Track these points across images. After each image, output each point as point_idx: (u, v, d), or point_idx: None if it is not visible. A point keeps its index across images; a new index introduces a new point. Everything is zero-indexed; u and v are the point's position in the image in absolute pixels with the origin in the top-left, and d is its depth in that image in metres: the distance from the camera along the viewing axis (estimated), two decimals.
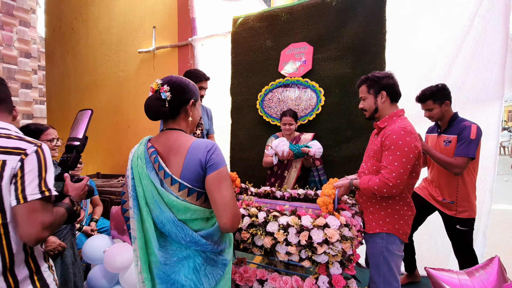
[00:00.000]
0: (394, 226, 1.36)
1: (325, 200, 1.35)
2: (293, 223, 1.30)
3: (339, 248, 1.22)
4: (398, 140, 1.27)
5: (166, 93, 0.96)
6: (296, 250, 1.28)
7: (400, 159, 1.26)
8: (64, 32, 4.68)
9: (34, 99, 2.71)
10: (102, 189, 3.13)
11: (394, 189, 1.27)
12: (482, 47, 2.10)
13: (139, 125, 3.97)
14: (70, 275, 1.51)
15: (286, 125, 2.29)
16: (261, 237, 1.34)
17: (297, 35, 2.58)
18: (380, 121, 1.44)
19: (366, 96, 1.47)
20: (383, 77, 1.42)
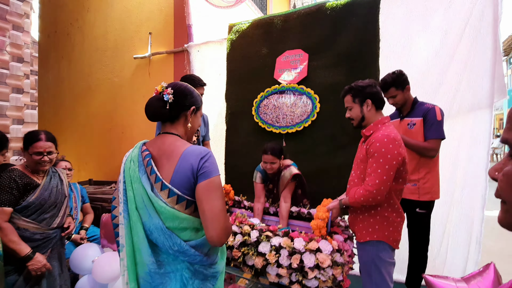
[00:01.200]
0: (384, 233, 1.35)
1: (318, 224, 1.35)
2: (285, 245, 1.30)
3: (330, 274, 1.23)
4: (381, 148, 1.29)
5: (168, 95, 0.96)
6: (287, 273, 1.27)
7: (383, 166, 1.28)
8: (59, 37, 4.67)
9: (26, 104, 2.67)
10: (94, 196, 3.07)
11: (378, 195, 1.28)
12: (474, 55, 2.14)
13: (134, 131, 3.93)
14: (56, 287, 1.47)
15: (268, 164, 2.01)
16: (252, 257, 1.32)
17: (292, 43, 2.59)
18: (366, 129, 1.46)
19: (352, 106, 1.50)
20: (367, 85, 1.46)
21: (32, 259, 1.37)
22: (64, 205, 1.61)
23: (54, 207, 1.53)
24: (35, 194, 1.44)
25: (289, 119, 2.53)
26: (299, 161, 2.41)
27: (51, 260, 1.48)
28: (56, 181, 1.59)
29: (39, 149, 1.45)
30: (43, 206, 1.47)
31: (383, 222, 1.35)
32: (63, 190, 1.62)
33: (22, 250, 1.36)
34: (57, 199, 1.55)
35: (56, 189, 1.56)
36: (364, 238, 1.38)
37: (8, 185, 1.36)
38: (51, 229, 1.50)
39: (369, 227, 1.37)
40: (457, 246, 2.24)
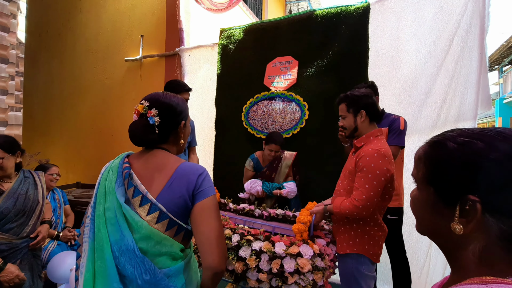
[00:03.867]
0: (364, 247, 1.33)
1: (300, 228, 1.33)
2: (266, 250, 1.27)
3: (310, 279, 1.20)
4: (370, 163, 1.27)
5: (154, 118, 0.85)
6: (267, 278, 1.25)
7: (371, 182, 1.25)
8: (50, 37, 4.61)
9: (10, 106, 2.61)
10: (80, 200, 3.01)
11: (364, 211, 1.26)
12: (461, 66, 2.15)
13: (123, 133, 3.87)
14: None
15: (272, 152, 2.17)
16: (232, 261, 1.30)
17: (283, 49, 2.59)
18: (357, 140, 1.43)
19: (346, 115, 1.45)
20: (362, 96, 1.42)
21: (3, 270, 1.30)
22: (37, 212, 1.51)
23: (22, 215, 1.44)
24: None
25: (278, 125, 2.52)
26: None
27: (22, 271, 1.38)
28: (26, 187, 1.49)
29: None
30: (6, 216, 1.37)
31: (364, 235, 1.34)
32: (36, 196, 1.52)
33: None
34: (26, 207, 1.45)
35: (25, 196, 1.46)
36: (344, 250, 1.36)
37: None
38: (20, 238, 1.41)
39: (350, 239, 1.36)
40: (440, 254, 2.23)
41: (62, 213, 2.35)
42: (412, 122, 2.28)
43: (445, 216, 0.43)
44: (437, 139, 0.47)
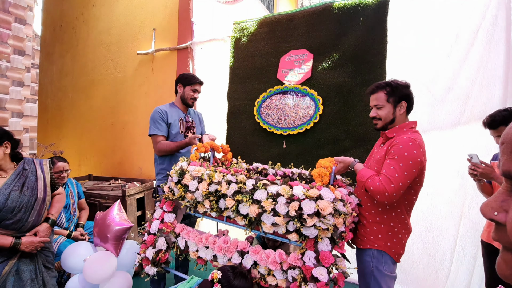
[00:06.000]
0: (386, 243, 1.26)
1: (321, 172, 1.23)
2: (283, 193, 1.18)
3: (330, 222, 1.11)
4: (404, 151, 1.18)
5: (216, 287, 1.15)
6: (284, 221, 1.16)
7: (401, 171, 1.17)
8: (64, 31, 4.66)
9: (26, 97, 2.64)
10: (92, 192, 3.04)
11: (387, 199, 1.18)
12: (487, 60, 2.04)
13: (135, 127, 3.90)
14: None
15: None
16: (246, 204, 1.23)
17: (297, 42, 2.52)
18: (389, 131, 1.33)
19: (384, 105, 1.32)
20: (405, 86, 1.31)
21: (21, 244, 1.32)
22: (36, 207, 1.42)
23: (19, 212, 1.35)
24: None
25: (291, 120, 2.47)
26: (299, 164, 2.35)
27: (22, 264, 1.36)
28: (21, 181, 1.40)
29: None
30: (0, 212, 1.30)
31: (388, 232, 1.26)
32: (35, 190, 1.42)
33: (4, 243, 1.29)
34: (21, 203, 1.36)
35: (20, 191, 1.37)
36: (364, 245, 1.30)
37: None
38: (22, 232, 1.37)
39: (372, 234, 1.29)
40: (463, 258, 2.15)
41: (76, 210, 2.33)
42: (432, 118, 2.19)
43: None
44: None
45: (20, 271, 1.36)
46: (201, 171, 1.49)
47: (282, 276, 1.21)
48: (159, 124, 2.02)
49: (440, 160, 2.15)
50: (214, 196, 1.38)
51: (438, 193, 2.18)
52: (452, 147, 2.13)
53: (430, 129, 2.19)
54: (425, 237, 2.26)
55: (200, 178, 1.46)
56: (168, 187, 1.63)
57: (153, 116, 2.04)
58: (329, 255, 1.12)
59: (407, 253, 2.24)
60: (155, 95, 3.69)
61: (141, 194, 3.09)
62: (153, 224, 1.63)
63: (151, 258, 1.56)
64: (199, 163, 1.65)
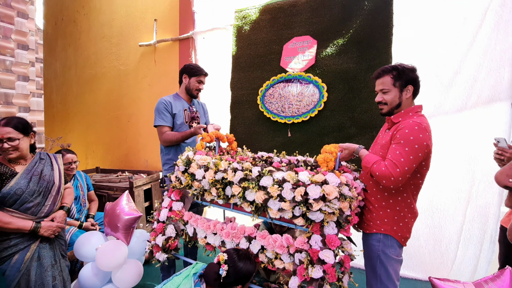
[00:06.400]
0: (392, 228, 1.27)
1: (326, 157, 1.24)
2: (289, 178, 1.20)
3: (336, 206, 1.12)
4: (410, 135, 1.17)
5: (224, 271, 1.22)
6: (290, 206, 1.18)
7: (407, 155, 1.16)
8: (66, 24, 4.64)
9: (32, 92, 2.67)
10: (100, 184, 3.10)
11: (392, 184, 1.17)
12: (495, 42, 1.99)
13: (140, 119, 3.92)
14: (47, 278, 1.42)
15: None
16: (253, 190, 1.25)
17: (301, 29, 2.48)
18: (394, 116, 1.32)
19: (390, 89, 1.30)
20: (411, 69, 1.29)
21: (41, 228, 1.38)
22: (53, 193, 1.51)
23: (38, 195, 1.44)
24: (10, 184, 1.36)
25: (295, 108, 2.46)
26: (304, 152, 2.35)
27: (42, 250, 1.43)
28: (40, 167, 1.49)
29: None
30: (21, 196, 1.38)
31: (394, 216, 1.27)
32: (52, 177, 1.51)
33: (25, 226, 1.35)
34: (41, 187, 1.45)
35: (40, 177, 1.46)
36: (370, 230, 1.31)
37: None
38: (38, 218, 1.43)
39: (378, 219, 1.30)
40: (469, 243, 2.15)
41: (86, 201, 2.38)
42: (439, 102, 2.16)
43: None
44: None
45: (41, 257, 1.42)
46: (207, 159, 1.51)
47: (289, 259, 1.24)
48: (164, 115, 2.03)
49: (447, 145, 2.13)
50: (220, 184, 1.40)
51: (445, 178, 2.17)
52: (459, 132, 2.11)
53: (437, 114, 2.16)
54: (431, 222, 2.27)
55: (206, 166, 1.48)
56: (175, 177, 1.66)
57: (158, 107, 2.05)
58: (335, 238, 1.13)
59: (413, 238, 2.27)
60: (158, 86, 3.69)
61: (148, 185, 3.14)
62: (162, 213, 1.66)
63: (161, 245, 1.60)
64: (204, 153, 1.66)
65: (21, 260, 1.36)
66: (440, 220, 2.24)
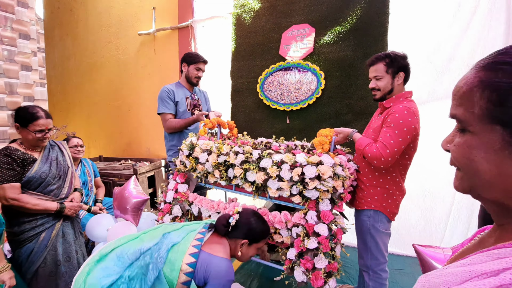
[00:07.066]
0: (381, 204, 1.38)
1: (321, 140, 1.34)
2: (287, 160, 1.30)
3: (330, 184, 1.22)
4: (399, 119, 1.27)
5: (234, 219, 1.21)
6: (288, 185, 1.28)
7: (397, 137, 1.26)
8: (63, 13, 4.60)
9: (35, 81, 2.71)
10: (105, 171, 3.19)
11: (383, 164, 1.28)
12: (488, 30, 2.05)
13: (140, 108, 3.97)
14: (72, 252, 1.56)
15: None
16: (253, 171, 1.35)
17: (299, 17, 2.52)
18: (386, 101, 1.41)
19: (383, 76, 1.38)
20: (403, 56, 1.37)
21: (66, 208, 1.51)
22: (69, 176, 1.61)
23: (59, 179, 1.55)
24: (34, 168, 1.44)
25: (294, 96, 2.53)
26: (302, 138, 2.43)
27: (65, 227, 1.56)
28: (55, 153, 1.58)
29: (42, 127, 1.44)
30: (45, 179, 1.48)
31: (383, 193, 1.38)
32: (65, 162, 1.61)
33: (52, 207, 1.47)
34: (60, 171, 1.55)
35: (57, 161, 1.56)
36: (362, 206, 1.43)
37: (6, 163, 1.38)
38: (60, 199, 1.55)
39: (369, 196, 1.41)
40: (458, 223, 2.28)
41: (93, 186, 2.49)
42: (433, 89, 2.23)
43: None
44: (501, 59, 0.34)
45: (65, 234, 1.55)
46: (210, 144, 1.59)
47: (287, 233, 1.35)
48: (167, 103, 2.10)
49: (440, 130, 2.21)
50: (223, 166, 1.49)
51: (437, 163, 2.27)
52: None
53: (430, 100, 2.24)
54: (423, 204, 2.39)
55: (209, 150, 1.57)
56: (180, 161, 1.75)
57: (161, 95, 2.12)
58: (329, 213, 1.24)
59: (405, 219, 2.40)
60: (158, 75, 3.73)
61: (151, 172, 3.24)
62: (168, 194, 1.76)
63: None
64: (207, 138, 1.75)
65: (48, 238, 1.47)
66: (431, 202, 2.36)
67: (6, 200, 1.36)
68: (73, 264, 1.56)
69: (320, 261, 1.20)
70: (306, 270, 1.23)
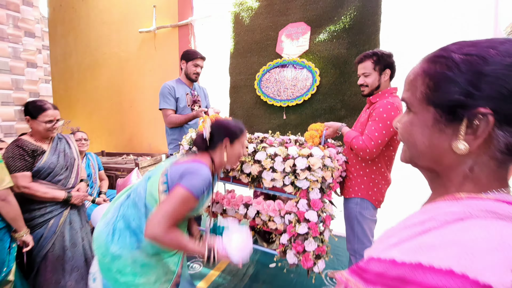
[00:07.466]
0: (368, 192, 1.48)
1: (312, 134, 1.45)
2: (280, 153, 1.40)
3: (319, 174, 1.32)
4: (383, 113, 1.36)
5: (207, 133, 1.19)
6: (281, 176, 1.39)
7: (380, 130, 1.35)
8: (65, 10, 4.68)
9: (40, 78, 2.80)
10: (108, 165, 3.29)
11: (368, 155, 1.38)
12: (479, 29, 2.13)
13: (141, 105, 4.07)
14: (78, 239, 1.66)
15: None
16: (249, 164, 1.45)
17: (295, 15, 2.60)
18: (373, 97, 1.50)
19: (370, 73, 1.46)
20: (389, 55, 1.46)
21: (72, 197, 1.62)
22: (75, 167, 1.70)
23: (66, 170, 1.64)
24: (43, 159, 1.54)
25: (290, 92, 2.62)
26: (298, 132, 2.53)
27: (72, 215, 1.65)
28: (63, 145, 1.67)
29: (50, 117, 1.54)
30: (54, 170, 1.57)
31: (369, 183, 1.48)
32: (72, 154, 1.71)
33: (60, 195, 1.57)
34: (67, 162, 1.65)
35: (64, 153, 1.65)
36: (349, 195, 1.53)
37: (18, 153, 1.48)
38: (67, 189, 1.64)
39: (356, 185, 1.51)
40: None
41: (97, 179, 2.59)
42: None
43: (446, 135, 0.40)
44: (439, 54, 0.41)
45: (72, 221, 1.65)
46: None
47: (280, 221, 1.45)
48: (168, 99, 2.19)
49: None
50: None
51: None
52: None
53: None
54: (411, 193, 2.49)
55: None
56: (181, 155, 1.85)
57: (162, 91, 2.21)
58: (319, 201, 1.34)
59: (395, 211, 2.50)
60: (159, 72, 3.81)
61: (153, 166, 3.34)
62: None
63: None
64: None
65: (56, 224, 1.57)
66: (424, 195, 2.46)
67: (18, 187, 1.46)
68: (79, 250, 1.65)
69: (310, 245, 1.31)
70: (297, 253, 1.33)
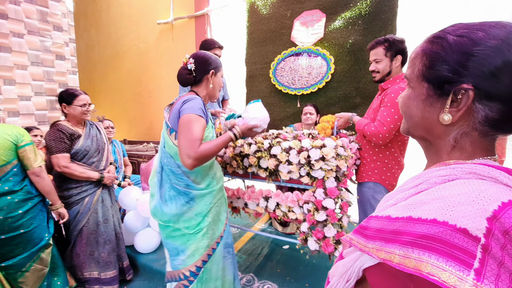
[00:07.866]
0: (381, 177, 1.52)
1: (323, 126, 1.51)
2: (294, 146, 1.47)
3: (333, 163, 1.37)
4: (395, 98, 1.38)
5: (191, 64, 1.24)
6: (297, 168, 1.45)
7: (392, 115, 1.38)
8: (87, 4, 4.86)
9: (68, 70, 2.99)
10: (130, 152, 3.49)
11: (381, 140, 1.41)
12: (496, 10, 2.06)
13: (160, 95, 4.22)
14: (109, 216, 1.84)
15: (307, 114, 2.32)
16: (266, 159, 1.53)
17: (311, 2, 2.60)
18: (384, 83, 1.52)
19: (382, 59, 1.48)
20: (401, 41, 1.46)
21: (105, 178, 1.79)
22: (106, 151, 1.85)
23: (98, 153, 1.80)
24: (80, 143, 1.69)
25: (304, 81, 2.65)
26: None
27: (104, 194, 1.82)
28: (94, 131, 1.82)
29: (83, 101, 1.71)
30: (88, 152, 1.73)
31: (382, 167, 1.52)
32: (102, 139, 1.85)
33: (94, 176, 1.74)
34: (99, 146, 1.80)
35: (96, 138, 1.80)
36: (363, 179, 1.58)
37: (59, 136, 1.65)
38: (99, 170, 1.80)
39: (370, 170, 1.56)
40: None
41: (122, 164, 2.78)
42: None
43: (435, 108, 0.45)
44: (437, 35, 0.45)
45: (104, 200, 1.82)
46: None
47: (299, 210, 1.53)
48: None
49: None
50: (239, 157, 1.68)
51: None
52: None
53: None
54: None
55: None
56: None
57: None
58: (335, 189, 1.40)
59: None
60: (177, 63, 3.92)
61: None
62: None
63: None
64: None
65: (91, 202, 1.75)
66: None
67: (59, 167, 1.62)
68: (110, 225, 1.83)
69: (329, 231, 1.39)
70: (318, 239, 1.42)
